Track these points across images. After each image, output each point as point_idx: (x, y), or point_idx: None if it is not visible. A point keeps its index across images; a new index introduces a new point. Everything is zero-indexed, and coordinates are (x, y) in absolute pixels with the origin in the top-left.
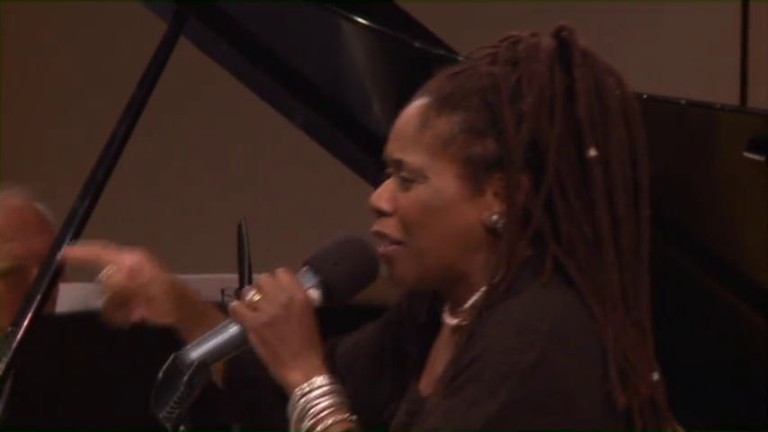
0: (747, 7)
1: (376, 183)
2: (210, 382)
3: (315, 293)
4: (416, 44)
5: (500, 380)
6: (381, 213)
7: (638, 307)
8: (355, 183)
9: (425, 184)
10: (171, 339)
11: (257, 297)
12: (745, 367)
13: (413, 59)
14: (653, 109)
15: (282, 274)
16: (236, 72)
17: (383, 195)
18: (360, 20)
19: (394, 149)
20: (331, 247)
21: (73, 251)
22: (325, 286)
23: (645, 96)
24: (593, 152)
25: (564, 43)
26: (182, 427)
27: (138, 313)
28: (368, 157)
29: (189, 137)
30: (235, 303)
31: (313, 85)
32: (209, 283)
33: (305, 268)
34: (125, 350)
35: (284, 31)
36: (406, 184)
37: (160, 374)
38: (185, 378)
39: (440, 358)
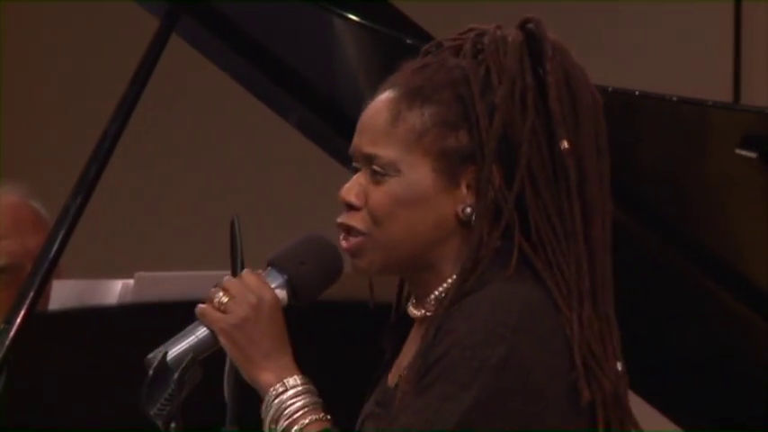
0: (740, 7)
1: None
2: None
3: (281, 293)
4: (409, 41)
5: (472, 374)
6: (351, 207)
7: (605, 300)
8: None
9: (398, 178)
10: (162, 339)
11: (225, 299)
12: (742, 366)
13: (406, 57)
14: (645, 106)
15: (248, 276)
16: (230, 70)
17: (353, 189)
18: (353, 17)
19: (363, 143)
20: (295, 246)
21: None
22: (290, 286)
23: (637, 93)
24: (565, 144)
25: (531, 36)
26: (173, 425)
27: None
28: None
29: (182, 134)
30: (202, 306)
31: (307, 83)
32: (201, 280)
33: (269, 268)
34: (118, 347)
35: (278, 30)
36: (378, 177)
37: (150, 371)
38: (176, 375)
39: (408, 350)
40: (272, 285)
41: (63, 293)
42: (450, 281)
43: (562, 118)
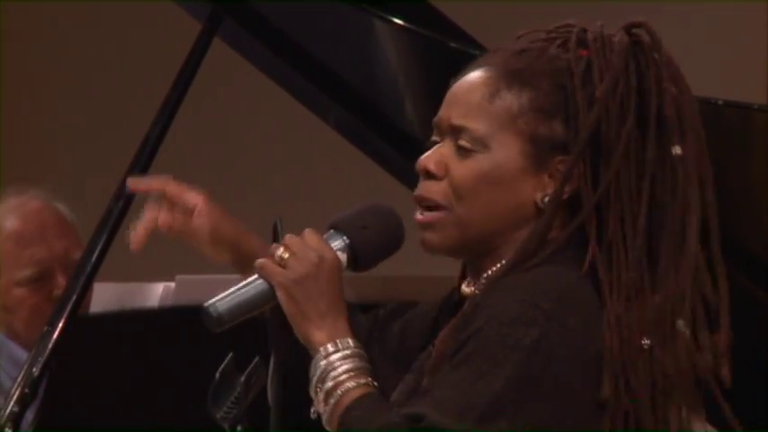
0: None
1: (409, 181)
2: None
3: (342, 256)
4: (452, 44)
5: (506, 352)
6: (429, 176)
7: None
8: (388, 181)
9: (486, 154)
10: (203, 341)
11: (286, 254)
12: None
13: (447, 59)
14: None
15: (310, 235)
16: (270, 72)
17: (434, 158)
18: (394, 20)
19: (454, 115)
20: (359, 211)
21: (138, 183)
22: (351, 249)
23: None
24: (678, 150)
25: (637, 41)
26: (239, 427)
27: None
28: (400, 156)
29: (222, 137)
30: (262, 260)
31: (346, 85)
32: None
33: (331, 231)
34: (159, 350)
35: (318, 31)
36: (464, 152)
37: (217, 375)
38: (242, 378)
39: (445, 327)
40: (334, 247)
41: (104, 296)
42: (503, 261)
43: (673, 126)
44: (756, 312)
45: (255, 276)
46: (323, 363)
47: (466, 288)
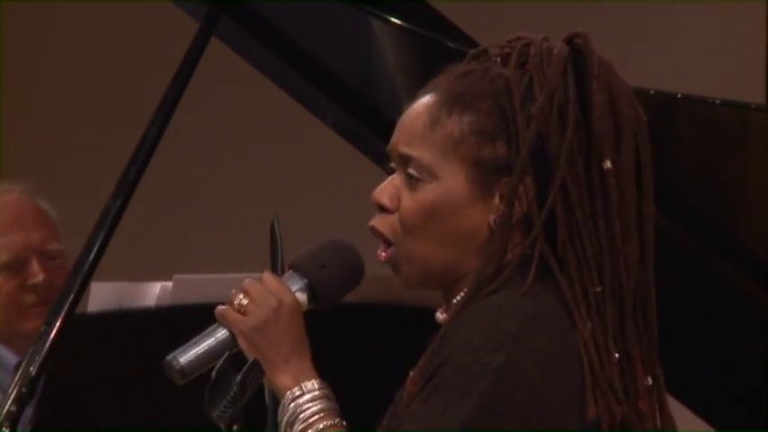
0: None
1: None
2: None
3: (301, 297)
4: (450, 44)
5: (472, 379)
6: (383, 209)
7: (643, 319)
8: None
9: (434, 184)
10: None
11: (245, 301)
12: None
13: (445, 59)
14: (687, 108)
15: (269, 278)
16: (268, 71)
17: (386, 191)
18: (392, 19)
19: (400, 143)
20: (317, 250)
21: None
22: (311, 289)
23: (679, 96)
24: (608, 164)
25: (577, 51)
26: (235, 427)
27: None
28: None
29: (221, 136)
30: (222, 308)
31: (344, 85)
32: (239, 282)
33: (290, 271)
34: (156, 349)
35: (316, 31)
36: (413, 182)
37: (213, 374)
38: (239, 378)
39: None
40: (293, 288)
41: (102, 296)
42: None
43: (605, 137)
44: (756, 313)
45: (216, 325)
46: (291, 405)
47: (440, 315)
